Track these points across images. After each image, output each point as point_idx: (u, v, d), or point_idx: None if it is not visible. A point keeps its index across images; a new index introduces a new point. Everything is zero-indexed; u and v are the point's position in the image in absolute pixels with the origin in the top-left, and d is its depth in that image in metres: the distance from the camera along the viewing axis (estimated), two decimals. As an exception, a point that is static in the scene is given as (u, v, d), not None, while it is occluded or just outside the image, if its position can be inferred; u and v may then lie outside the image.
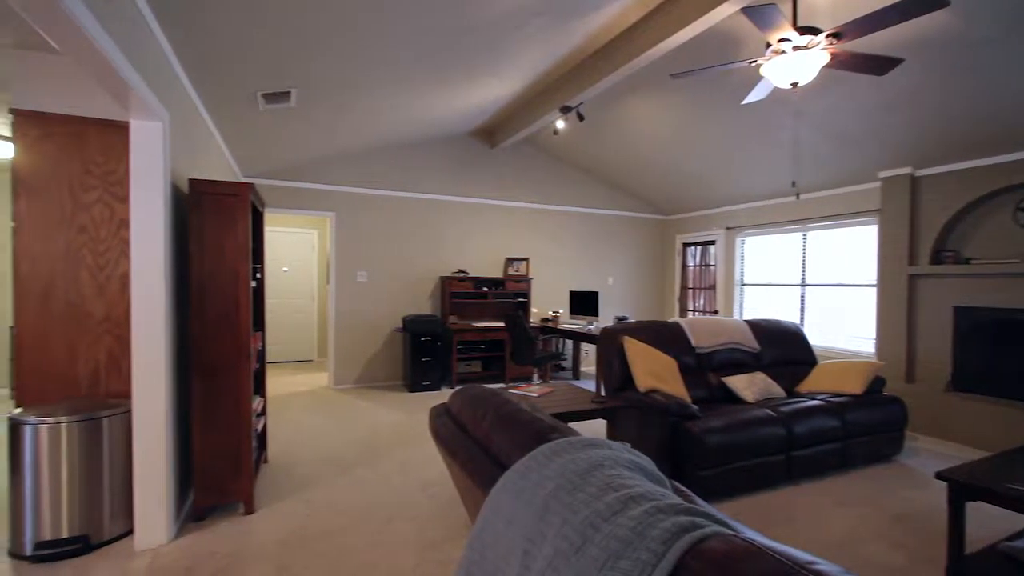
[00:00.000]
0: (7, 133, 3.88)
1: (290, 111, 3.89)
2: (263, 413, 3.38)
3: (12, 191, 2.50)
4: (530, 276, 6.59)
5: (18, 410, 2.34)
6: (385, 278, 6.03)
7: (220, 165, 4.18)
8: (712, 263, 7.03)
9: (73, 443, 2.30)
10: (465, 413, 1.37)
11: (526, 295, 6.40)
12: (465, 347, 6.11)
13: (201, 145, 3.41)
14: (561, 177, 7.01)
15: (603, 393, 4.30)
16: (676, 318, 5.66)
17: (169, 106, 2.53)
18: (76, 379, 2.60)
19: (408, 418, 4.61)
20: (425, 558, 2.30)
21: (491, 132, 6.36)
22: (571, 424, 3.31)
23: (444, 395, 5.57)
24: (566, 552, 0.71)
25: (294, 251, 7.64)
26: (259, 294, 3.24)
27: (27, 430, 2.24)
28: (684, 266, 7.51)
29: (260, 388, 3.34)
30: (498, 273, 6.61)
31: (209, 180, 2.64)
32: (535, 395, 3.11)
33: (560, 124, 4.83)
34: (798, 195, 5.26)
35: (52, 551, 2.25)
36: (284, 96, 3.54)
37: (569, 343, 6.87)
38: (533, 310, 6.66)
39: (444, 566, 2.23)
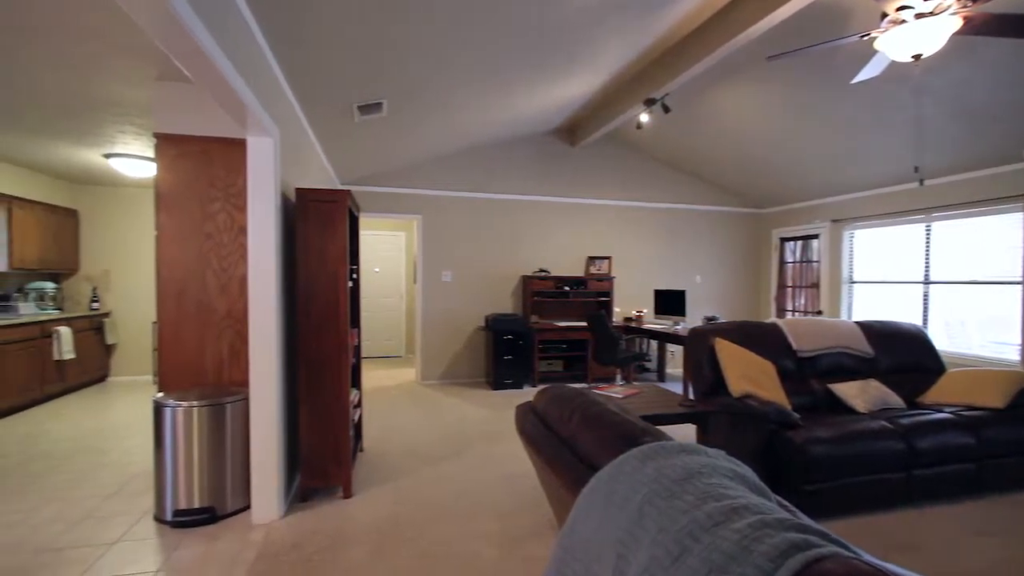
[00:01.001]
0: (151, 155, 4.48)
1: (381, 120, 4.12)
2: (359, 405, 3.62)
3: (155, 204, 2.89)
4: (612, 275, 6.46)
5: (160, 394, 2.70)
6: (469, 278, 6.20)
7: (320, 174, 4.53)
8: (815, 259, 6.46)
9: (203, 425, 2.60)
10: (551, 412, 1.37)
11: (608, 294, 6.28)
12: (547, 346, 6.12)
13: (305, 156, 3.71)
14: (645, 173, 6.80)
15: (691, 396, 4.10)
16: (773, 318, 5.27)
17: (279, 123, 2.78)
18: (204, 368, 2.95)
19: (492, 415, 4.71)
20: (509, 553, 2.34)
21: (572, 130, 6.31)
22: (658, 427, 3.18)
23: (526, 393, 5.62)
24: (663, 561, 0.68)
25: (384, 253, 8.09)
26: (355, 293, 3.47)
27: (167, 412, 2.57)
28: (782, 263, 6.97)
29: (356, 381, 3.57)
30: (580, 272, 6.55)
31: (312, 188, 2.86)
32: (620, 396, 3.04)
33: (644, 118, 4.68)
34: (921, 181, 4.68)
35: (186, 518, 2.56)
36: (376, 107, 3.76)
37: (654, 343, 6.64)
38: (616, 309, 6.52)
39: (527, 562, 2.25)
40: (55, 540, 2.41)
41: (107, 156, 4.59)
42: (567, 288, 6.15)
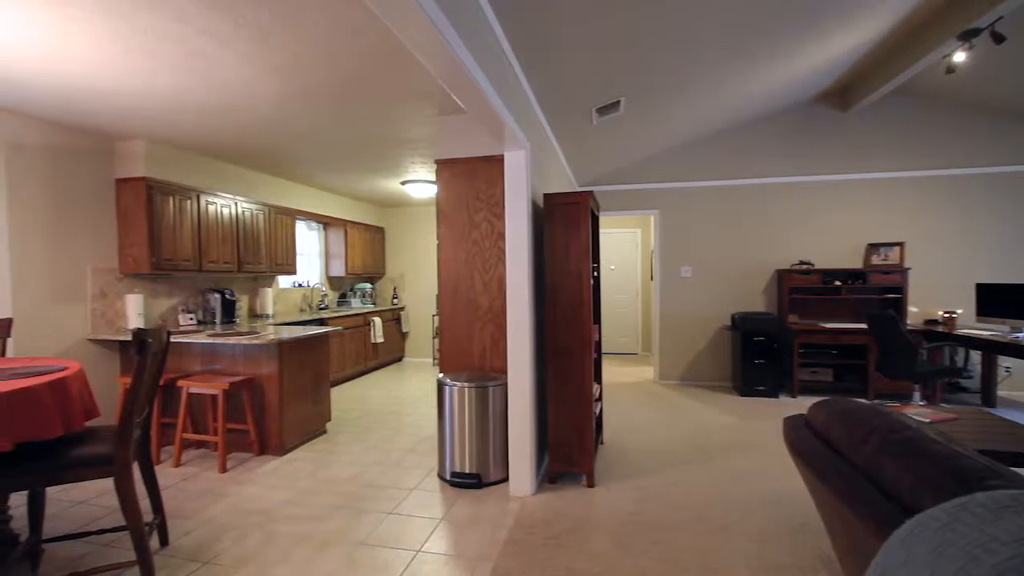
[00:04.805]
0: (433, 178, 5.48)
1: (617, 119, 4.14)
2: (600, 398, 3.71)
3: (436, 218, 3.50)
4: (905, 266, 5.13)
5: (441, 374, 3.26)
6: (710, 273, 5.76)
7: (561, 177, 4.82)
8: None
9: (472, 403, 3.04)
10: (835, 429, 1.14)
11: (899, 290, 5.01)
12: (809, 351, 5.23)
13: (549, 162, 4.00)
14: (953, 129, 5.18)
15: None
16: None
17: (529, 136, 3.05)
18: (472, 355, 3.45)
19: (740, 423, 4.27)
20: (771, 583, 2.07)
21: (843, 91, 5.25)
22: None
23: (781, 403, 4.93)
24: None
25: (619, 250, 8.14)
26: (596, 290, 3.57)
27: (447, 389, 3.09)
28: None
29: (597, 375, 3.68)
30: (856, 263, 5.40)
31: (558, 193, 3.06)
32: (927, 420, 2.38)
33: (959, 57, 3.56)
34: None
35: (460, 480, 3.04)
36: (614, 107, 3.79)
37: (974, 355, 5.02)
38: (911, 309, 5.16)
39: (796, 600, 1.96)
40: (376, 479, 3.16)
41: (403, 183, 5.80)
42: (838, 283, 5.14)
